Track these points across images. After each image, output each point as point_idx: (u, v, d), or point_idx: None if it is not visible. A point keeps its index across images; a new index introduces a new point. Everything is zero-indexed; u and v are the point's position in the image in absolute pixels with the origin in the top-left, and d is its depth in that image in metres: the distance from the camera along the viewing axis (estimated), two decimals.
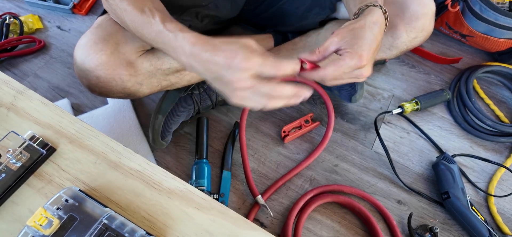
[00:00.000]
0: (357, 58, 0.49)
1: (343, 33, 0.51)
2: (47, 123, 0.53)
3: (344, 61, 0.49)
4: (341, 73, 0.50)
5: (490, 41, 0.91)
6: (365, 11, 0.54)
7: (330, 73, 0.50)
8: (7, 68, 0.95)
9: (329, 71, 0.50)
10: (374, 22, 0.52)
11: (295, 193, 0.78)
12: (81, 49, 0.64)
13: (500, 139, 0.85)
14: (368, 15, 0.52)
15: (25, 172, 0.47)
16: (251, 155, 0.82)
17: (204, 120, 0.82)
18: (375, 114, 0.88)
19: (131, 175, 0.49)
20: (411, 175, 0.81)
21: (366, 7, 0.54)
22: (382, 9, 0.54)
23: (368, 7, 0.53)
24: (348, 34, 0.51)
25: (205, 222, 0.46)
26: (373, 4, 0.53)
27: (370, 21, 0.52)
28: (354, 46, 0.49)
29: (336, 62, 0.50)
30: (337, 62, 0.50)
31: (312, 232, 0.73)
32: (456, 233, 0.74)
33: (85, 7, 1.08)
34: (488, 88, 0.96)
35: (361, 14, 0.54)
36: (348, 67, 0.50)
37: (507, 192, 0.79)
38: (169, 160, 0.81)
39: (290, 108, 0.90)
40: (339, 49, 0.51)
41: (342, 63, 0.49)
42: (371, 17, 0.52)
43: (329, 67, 0.50)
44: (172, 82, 0.73)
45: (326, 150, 0.84)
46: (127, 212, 0.46)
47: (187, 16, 0.71)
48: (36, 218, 0.40)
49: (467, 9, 0.90)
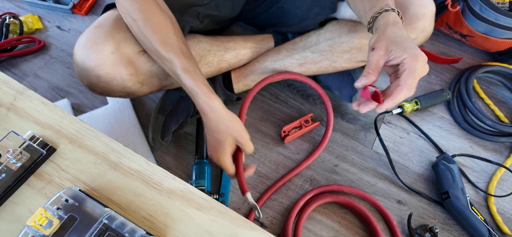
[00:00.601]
0: (418, 58, 0.50)
1: (383, 45, 0.52)
2: (47, 123, 0.53)
3: (413, 67, 0.50)
4: (416, 80, 0.51)
5: (490, 41, 0.91)
6: (379, 17, 0.55)
7: (412, 85, 0.51)
8: (7, 68, 0.95)
9: (409, 85, 0.51)
10: (393, 22, 0.53)
11: (295, 193, 0.78)
12: (81, 48, 0.64)
13: (500, 139, 0.85)
14: (386, 18, 0.54)
15: (25, 172, 0.47)
16: (251, 155, 0.82)
17: None
18: (375, 114, 0.88)
19: (131, 175, 0.49)
20: (411, 175, 0.81)
21: (379, 13, 0.55)
22: (396, 11, 0.55)
23: (381, 13, 0.55)
24: (388, 43, 0.52)
25: (205, 222, 0.46)
26: (385, 9, 0.55)
27: (392, 23, 0.53)
28: (407, 50, 0.50)
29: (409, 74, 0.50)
30: (410, 73, 0.50)
31: (312, 232, 0.73)
32: (456, 233, 0.74)
33: (85, 7, 1.08)
34: (488, 88, 0.96)
35: (377, 22, 0.55)
36: (420, 69, 0.51)
37: (507, 192, 0.79)
38: (169, 160, 0.81)
39: (290, 108, 0.90)
40: (388, 61, 0.53)
41: (411, 70, 0.50)
42: (388, 19, 0.54)
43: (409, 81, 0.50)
44: (173, 82, 0.73)
45: (326, 150, 0.84)
46: (127, 212, 0.46)
47: (188, 17, 0.71)
48: (36, 218, 0.40)
49: (467, 9, 0.90)
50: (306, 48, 0.78)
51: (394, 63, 0.53)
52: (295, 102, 0.91)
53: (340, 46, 0.75)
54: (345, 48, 0.75)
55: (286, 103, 0.91)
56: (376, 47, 0.53)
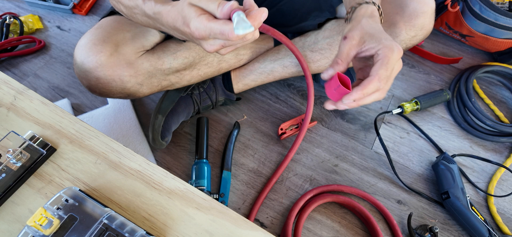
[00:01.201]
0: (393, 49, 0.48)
1: (357, 34, 0.50)
2: (47, 123, 0.53)
3: (387, 57, 0.48)
4: (392, 69, 0.49)
5: (490, 41, 0.92)
6: (358, 8, 0.53)
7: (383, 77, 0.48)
8: (7, 68, 0.95)
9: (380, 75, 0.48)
10: (370, 15, 0.52)
11: (295, 193, 0.78)
12: (80, 49, 0.64)
13: (500, 139, 0.85)
14: (363, 10, 0.52)
15: (25, 172, 0.47)
16: (251, 155, 0.82)
17: (204, 120, 0.82)
18: (375, 115, 0.88)
19: (131, 175, 0.49)
20: (411, 175, 0.81)
21: (359, 5, 0.54)
22: (376, 5, 0.54)
23: (360, 5, 0.54)
24: (362, 33, 0.50)
25: (205, 222, 0.46)
26: (365, 1, 0.54)
27: (369, 15, 0.52)
28: (382, 41, 0.48)
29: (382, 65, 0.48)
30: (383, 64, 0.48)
31: (312, 232, 0.73)
32: (456, 233, 0.74)
33: (85, 7, 1.08)
34: (488, 88, 0.96)
35: (355, 13, 0.54)
36: (395, 61, 0.48)
37: (507, 192, 0.79)
38: (169, 160, 0.81)
39: (290, 108, 0.90)
40: (361, 52, 0.51)
41: (385, 60, 0.48)
42: (365, 11, 0.52)
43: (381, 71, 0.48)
44: (172, 82, 0.73)
45: (326, 150, 0.84)
46: (127, 212, 0.46)
47: None
48: (36, 218, 0.40)
49: (467, 9, 0.90)
50: (305, 48, 0.78)
51: (367, 54, 0.50)
52: (295, 102, 0.91)
53: None
54: None
55: (286, 103, 0.91)
56: (349, 36, 0.51)
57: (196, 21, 0.45)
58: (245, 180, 0.79)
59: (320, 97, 0.92)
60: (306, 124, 0.80)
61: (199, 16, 0.45)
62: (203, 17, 0.45)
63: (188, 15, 0.46)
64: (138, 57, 0.66)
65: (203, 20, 0.44)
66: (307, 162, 0.82)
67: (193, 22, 0.45)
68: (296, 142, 0.80)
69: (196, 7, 0.46)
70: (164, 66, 0.70)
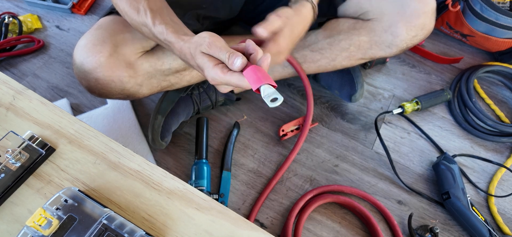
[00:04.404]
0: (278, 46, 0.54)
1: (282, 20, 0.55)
2: (46, 123, 0.52)
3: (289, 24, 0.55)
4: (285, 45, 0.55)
5: (490, 41, 0.91)
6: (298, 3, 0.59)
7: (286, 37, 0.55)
8: (6, 68, 0.95)
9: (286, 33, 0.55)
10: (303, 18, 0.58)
11: (295, 193, 0.77)
12: (80, 50, 0.64)
13: (500, 139, 0.84)
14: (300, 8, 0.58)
15: (24, 172, 0.47)
16: (250, 155, 0.82)
17: (204, 120, 0.82)
18: (375, 114, 0.88)
19: (130, 175, 0.49)
20: (412, 175, 0.81)
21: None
22: (312, 4, 0.59)
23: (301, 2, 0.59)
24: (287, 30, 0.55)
25: (205, 222, 0.46)
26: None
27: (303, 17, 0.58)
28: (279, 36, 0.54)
29: None
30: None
31: (312, 232, 0.73)
32: (456, 233, 0.74)
33: (84, 7, 1.07)
34: (488, 88, 0.96)
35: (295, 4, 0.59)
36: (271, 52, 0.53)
37: (507, 192, 0.79)
38: (169, 160, 0.81)
39: (290, 108, 0.89)
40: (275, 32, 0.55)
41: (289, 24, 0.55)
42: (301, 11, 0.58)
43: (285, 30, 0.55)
44: (172, 82, 0.73)
45: (327, 150, 0.83)
46: (126, 213, 0.46)
47: (189, 19, 0.71)
48: (35, 218, 0.40)
49: (467, 9, 0.90)
50: (305, 47, 0.78)
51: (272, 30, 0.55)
52: (295, 102, 0.91)
53: (339, 44, 0.75)
54: (343, 46, 0.75)
55: (286, 103, 0.90)
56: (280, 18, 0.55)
57: (212, 72, 0.47)
58: (245, 180, 0.78)
59: (320, 97, 0.92)
60: (307, 127, 0.80)
61: (214, 67, 0.47)
62: (218, 69, 0.47)
63: (202, 64, 0.49)
64: (138, 58, 0.66)
65: (218, 72, 0.47)
66: (307, 162, 0.81)
67: (209, 72, 0.48)
68: (297, 144, 0.80)
69: (209, 57, 0.48)
70: (163, 67, 0.69)
